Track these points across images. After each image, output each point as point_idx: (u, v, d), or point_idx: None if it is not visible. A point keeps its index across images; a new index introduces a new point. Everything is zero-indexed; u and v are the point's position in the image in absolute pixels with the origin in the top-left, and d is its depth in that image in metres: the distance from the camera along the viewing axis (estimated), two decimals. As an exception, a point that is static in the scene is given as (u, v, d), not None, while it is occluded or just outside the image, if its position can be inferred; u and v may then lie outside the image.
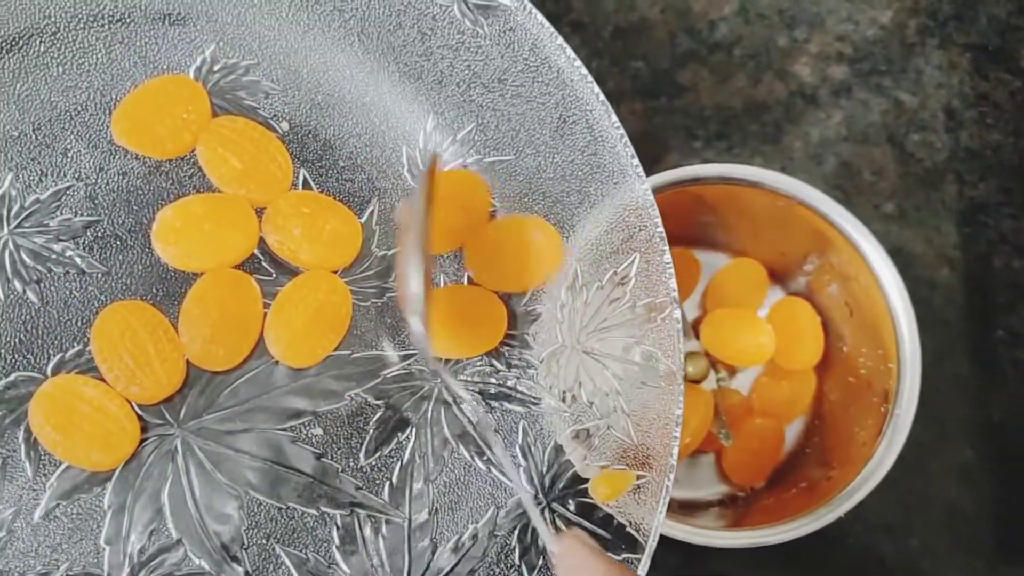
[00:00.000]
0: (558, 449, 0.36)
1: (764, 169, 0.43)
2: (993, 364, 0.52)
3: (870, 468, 0.41)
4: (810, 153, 0.53)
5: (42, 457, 0.35)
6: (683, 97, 0.55)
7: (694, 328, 0.50)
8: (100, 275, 0.36)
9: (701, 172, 0.44)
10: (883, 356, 0.43)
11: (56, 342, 0.35)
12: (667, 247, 0.36)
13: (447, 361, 0.36)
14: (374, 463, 0.36)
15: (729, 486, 0.50)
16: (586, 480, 0.36)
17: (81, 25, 0.37)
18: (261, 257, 0.36)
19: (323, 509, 0.35)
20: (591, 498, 0.36)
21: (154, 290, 0.36)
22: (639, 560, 0.35)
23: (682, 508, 0.49)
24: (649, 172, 0.40)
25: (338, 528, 0.35)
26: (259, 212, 0.36)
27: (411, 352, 0.37)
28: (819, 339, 0.49)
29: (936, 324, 0.52)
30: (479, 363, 0.37)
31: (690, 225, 0.50)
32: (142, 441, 0.35)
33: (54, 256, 0.36)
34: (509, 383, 0.38)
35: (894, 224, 0.53)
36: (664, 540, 0.42)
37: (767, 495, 0.48)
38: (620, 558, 0.35)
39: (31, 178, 0.36)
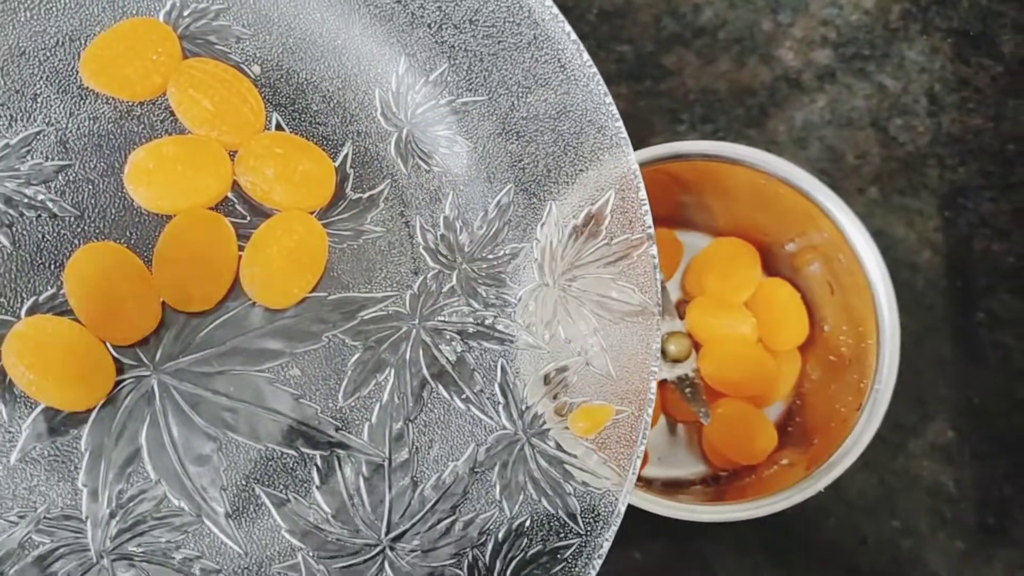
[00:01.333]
0: (536, 383, 0.36)
1: (745, 146, 0.43)
2: (974, 346, 0.52)
3: (850, 441, 0.41)
4: (794, 137, 0.53)
5: (17, 399, 0.35)
6: (668, 80, 0.54)
7: (678, 308, 0.50)
8: (72, 219, 0.35)
9: (682, 149, 0.44)
10: (863, 333, 0.43)
11: (29, 286, 0.35)
12: (642, 184, 0.37)
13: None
14: (353, 404, 0.36)
15: (709, 466, 0.50)
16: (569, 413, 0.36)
17: (48, -31, 0.37)
18: (235, 200, 0.36)
19: (302, 450, 0.35)
20: (571, 432, 0.36)
21: (128, 233, 0.36)
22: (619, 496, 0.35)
23: (664, 487, 0.48)
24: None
25: (318, 468, 0.35)
26: (233, 157, 0.37)
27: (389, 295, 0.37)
28: (803, 320, 0.49)
29: (918, 307, 0.52)
30: (457, 304, 0.38)
31: (670, 205, 0.49)
32: (118, 384, 0.35)
33: (26, 200, 0.36)
34: (487, 322, 0.38)
35: (877, 207, 0.53)
36: (647, 519, 0.42)
37: (749, 473, 0.48)
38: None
39: (0, 124, 0.35)
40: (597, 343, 0.37)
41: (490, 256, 0.37)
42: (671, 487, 0.49)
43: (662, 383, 0.46)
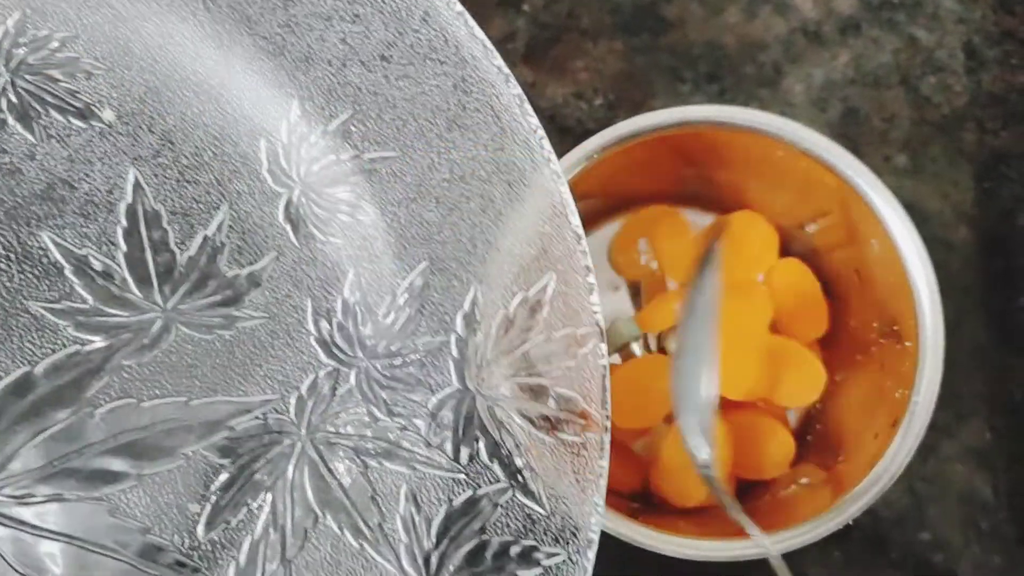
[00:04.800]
0: (449, 519, 0.29)
1: (757, 111, 0.38)
2: (1017, 335, 0.48)
3: (883, 465, 0.35)
4: (812, 98, 0.49)
5: None
6: (669, 34, 0.51)
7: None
8: None
9: (686, 115, 0.38)
10: (898, 333, 0.37)
11: None
12: (590, 265, 0.30)
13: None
14: (217, 538, 0.29)
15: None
16: (484, 562, 0.29)
17: None
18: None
19: None
20: None
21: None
22: None
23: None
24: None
25: None
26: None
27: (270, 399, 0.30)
28: (821, 307, 0.44)
29: (953, 290, 0.47)
30: (355, 411, 0.31)
31: (671, 179, 0.44)
32: None
33: None
34: (391, 436, 0.31)
35: (907, 178, 0.49)
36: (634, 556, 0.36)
37: (762, 492, 0.42)
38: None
39: None
40: (527, 467, 0.30)
41: (398, 352, 0.31)
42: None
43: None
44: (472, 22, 0.30)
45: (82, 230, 0.31)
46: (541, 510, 0.31)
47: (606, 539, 0.35)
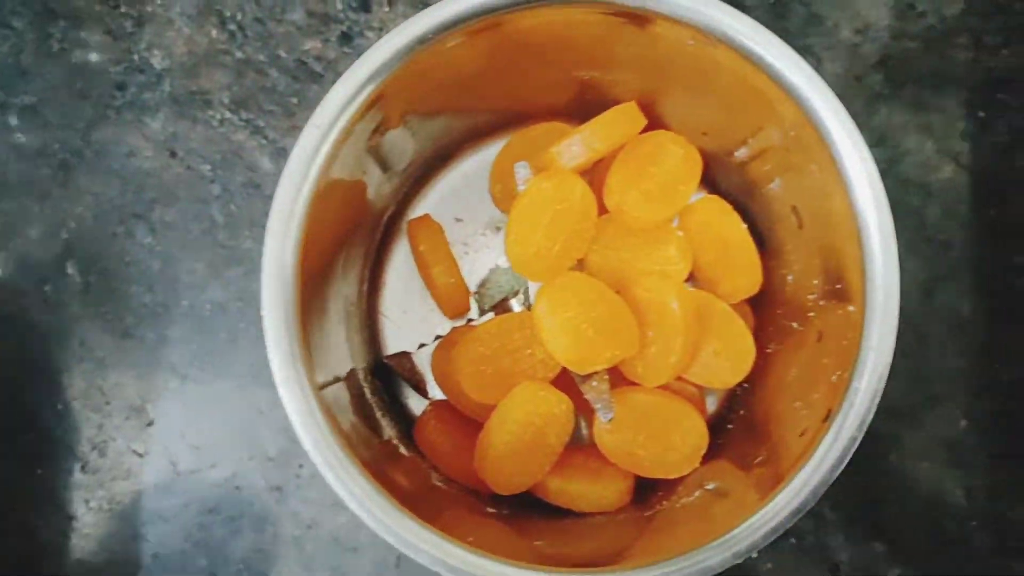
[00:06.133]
0: None
1: None
2: (1005, 303, 0.43)
3: (808, 472, 0.26)
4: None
5: None
6: None
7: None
8: None
9: None
10: (842, 293, 0.29)
11: None
12: None
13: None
14: None
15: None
16: None
17: None
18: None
19: None
20: None
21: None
22: None
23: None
24: None
25: None
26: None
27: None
28: (751, 257, 0.36)
29: (929, 245, 0.43)
30: None
31: (560, 89, 0.36)
32: None
33: None
34: None
35: (881, 103, 0.43)
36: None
37: (659, 498, 0.34)
38: None
39: None
40: None
41: None
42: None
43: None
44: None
45: None
46: None
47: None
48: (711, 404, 0.38)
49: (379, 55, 0.28)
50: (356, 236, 0.36)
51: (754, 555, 0.27)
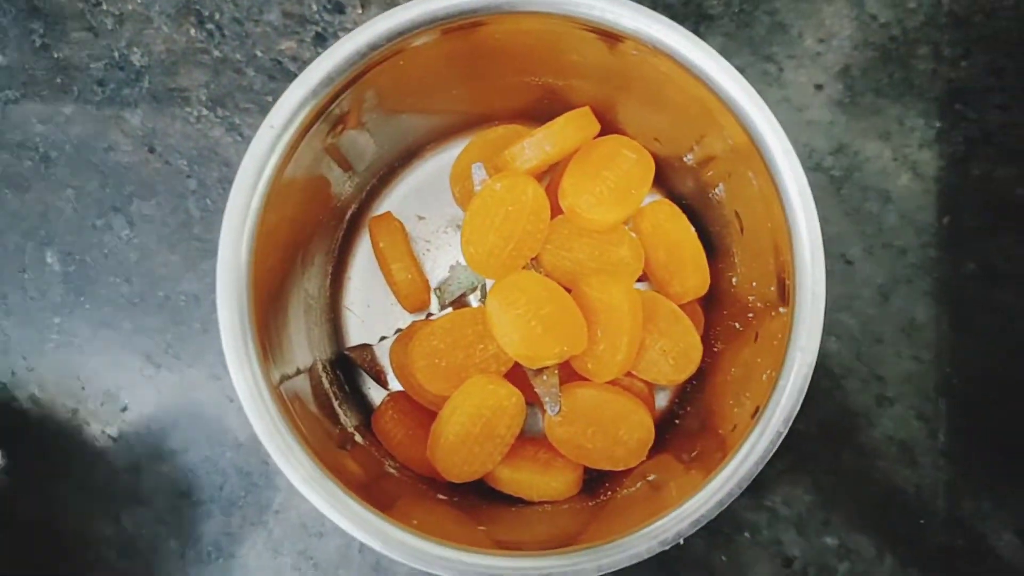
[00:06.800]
0: None
1: None
2: (960, 308, 0.43)
3: (731, 468, 0.27)
4: (733, 9, 0.43)
5: None
6: None
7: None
8: None
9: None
10: (776, 296, 0.29)
11: None
12: None
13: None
14: None
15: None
16: None
17: None
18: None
19: None
20: None
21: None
22: None
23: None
24: None
25: None
26: None
27: None
28: (698, 260, 0.36)
29: (887, 250, 0.43)
30: None
31: (517, 94, 0.36)
32: None
33: None
34: None
35: (841, 111, 0.43)
36: None
37: (605, 489, 0.34)
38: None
39: None
40: None
41: None
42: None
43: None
44: None
45: None
46: None
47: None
48: (662, 400, 0.38)
49: (332, 59, 0.28)
50: (318, 233, 0.37)
51: (680, 542, 0.27)
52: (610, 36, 0.29)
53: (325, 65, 0.28)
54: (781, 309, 0.28)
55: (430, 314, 0.39)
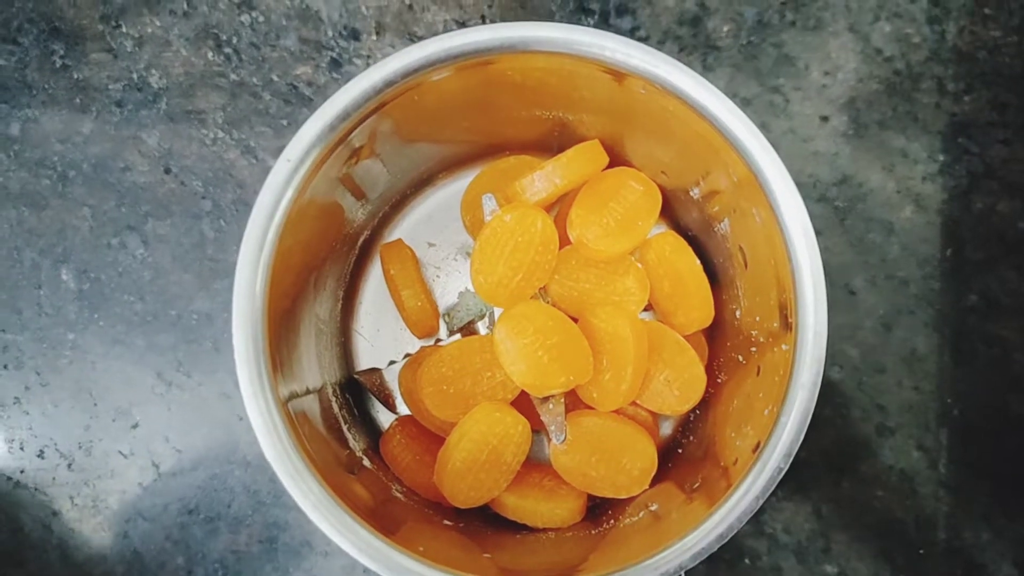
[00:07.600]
0: None
1: (609, 35, 0.28)
2: (961, 339, 0.43)
3: (732, 502, 0.27)
4: (741, 41, 0.43)
5: None
6: None
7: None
8: None
9: (511, 35, 0.29)
10: (778, 332, 0.29)
11: None
12: None
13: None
14: None
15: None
16: None
17: None
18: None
19: None
20: None
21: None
22: None
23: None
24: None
25: None
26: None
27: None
28: (703, 292, 0.37)
29: (889, 281, 0.43)
30: None
31: (528, 125, 0.36)
32: None
33: None
34: None
35: (845, 143, 0.43)
36: None
37: (608, 517, 0.34)
38: None
39: None
40: None
41: None
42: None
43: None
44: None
45: None
46: None
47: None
48: (666, 429, 0.39)
49: (349, 95, 0.29)
50: (330, 258, 0.37)
51: (682, 574, 0.28)
52: (619, 74, 0.29)
53: (342, 100, 0.29)
54: (784, 345, 0.29)
55: (439, 340, 0.39)
